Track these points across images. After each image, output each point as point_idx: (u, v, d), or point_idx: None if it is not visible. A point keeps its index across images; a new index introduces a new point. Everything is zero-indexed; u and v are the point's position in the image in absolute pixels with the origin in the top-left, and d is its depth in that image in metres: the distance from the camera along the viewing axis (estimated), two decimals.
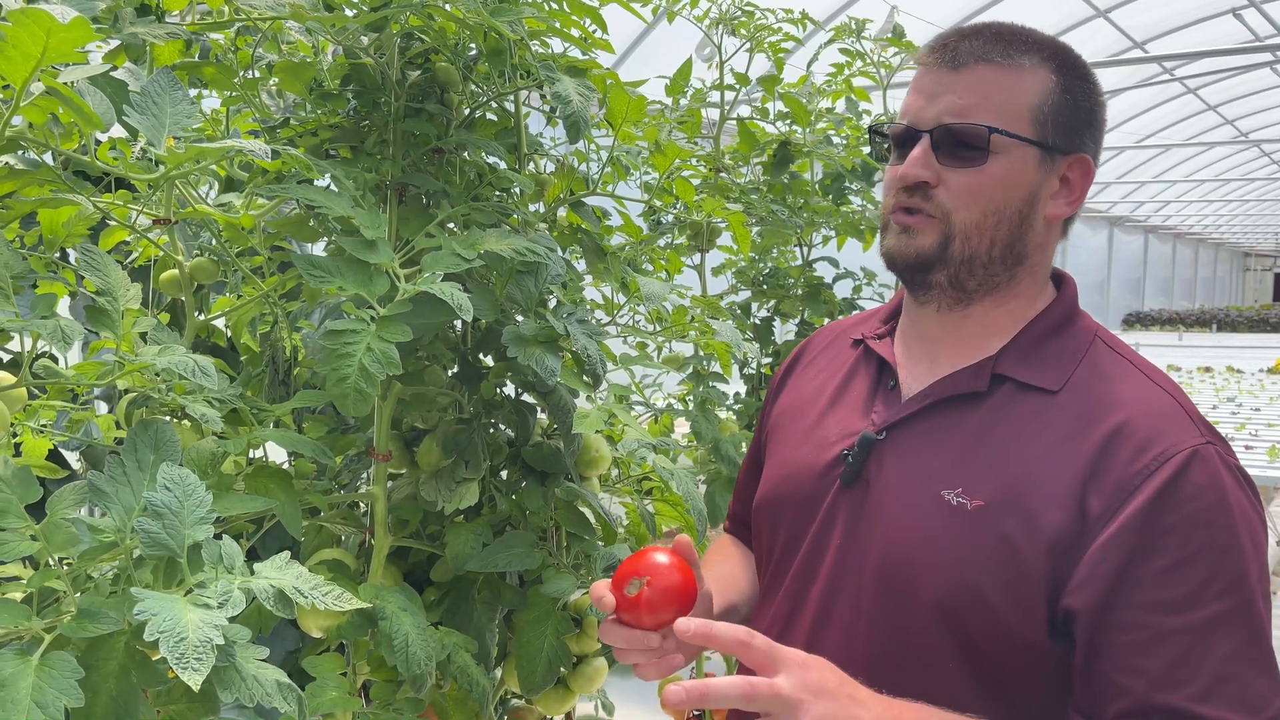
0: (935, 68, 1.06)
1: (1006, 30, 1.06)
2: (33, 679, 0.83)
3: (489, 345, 1.53)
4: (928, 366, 1.11)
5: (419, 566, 1.55)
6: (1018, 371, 1.05)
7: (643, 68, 7.15)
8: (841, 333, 1.27)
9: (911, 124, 1.06)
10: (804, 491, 1.14)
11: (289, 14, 1.19)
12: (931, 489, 1.02)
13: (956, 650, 0.99)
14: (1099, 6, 9.75)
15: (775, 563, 1.18)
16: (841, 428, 1.14)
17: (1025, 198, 1.04)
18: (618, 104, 1.51)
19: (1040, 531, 0.96)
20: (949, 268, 1.05)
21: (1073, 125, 1.05)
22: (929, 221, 1.05)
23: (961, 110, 1.02)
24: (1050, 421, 1.01)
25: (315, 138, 1.45)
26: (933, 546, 1.00)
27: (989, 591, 0.96)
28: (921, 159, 1.04)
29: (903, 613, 1.02)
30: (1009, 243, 1.05)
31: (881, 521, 1.05)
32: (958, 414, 1.06)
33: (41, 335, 0.88)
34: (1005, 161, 1.02)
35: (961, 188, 1.03)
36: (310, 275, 1.15)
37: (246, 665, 0.90)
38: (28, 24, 0.75)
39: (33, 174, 1.16)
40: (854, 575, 1.06)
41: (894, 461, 1.07)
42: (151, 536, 0.87)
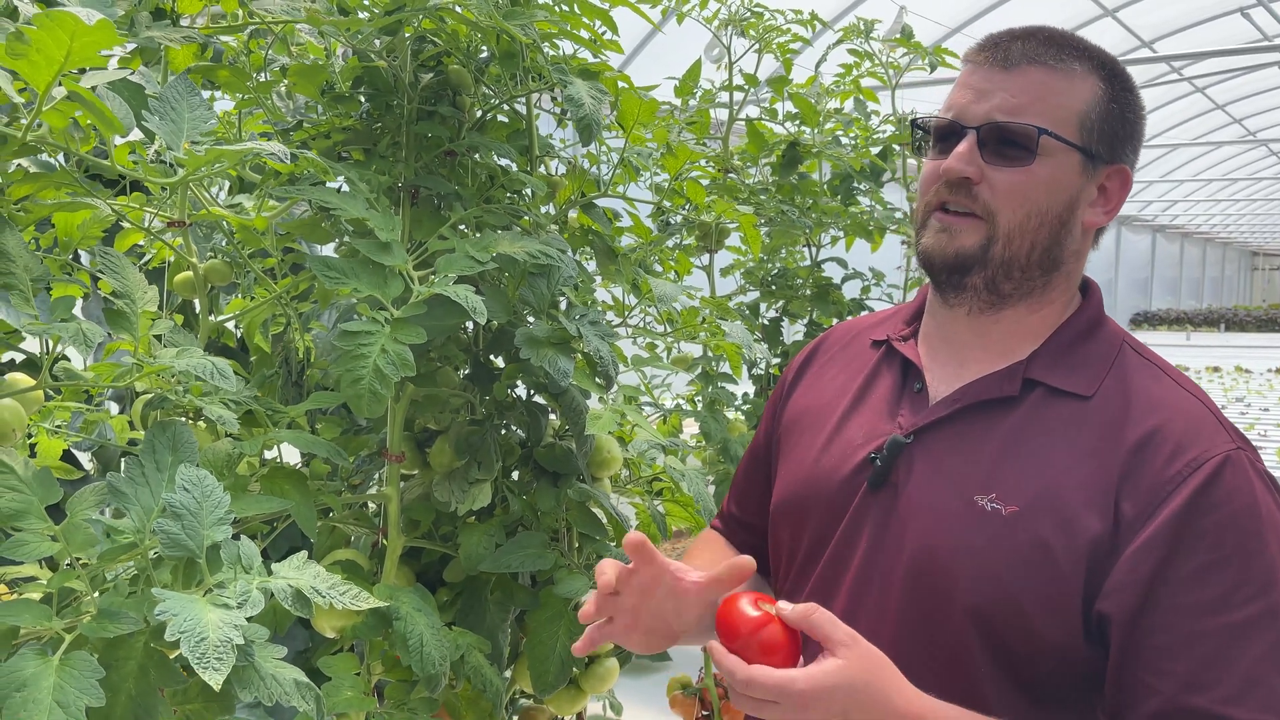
0: (985, 66, 1.05)
1: (1058, 35, 1.06)
2: (54, 678, 0.84)
3: (501, 347, 1.54)
4: (955, 370, 1.10)
5: (431, 567, 1.55)
6: (1049, 377, 1.04)
7: (652, 66, 7.15)
8: (860, 333, 1.26)
9: (957, 119, 1.05)
10: (828, 494, 1.12)
11: (304, 18, 1.20)
12: (964, 494, 1.02)
13: (989, 654, 0.99)
14: (1107, 6, 9.73)
15: (798, 566, 1.17)
16: (866, 430, 1.13)
17: (1066, 202, 1.04)
18: (629, 107, 1.51)
19: (1076, 537, 0.96)
20: (987, 270, 1.04)
21: (1117, 135, 1.05)
22: (971, 221, 1.04)
23: (1012, 109, 1.02)
24: (1083, 428, 1.00)
25: (328, 140, 1.46)
26: (967, 552, 0.99)
27: (1024, 597, 0.96)
28: (967, 155, 1.03)
29: (935, 617, 1.01)
30: (1048, 247, 1.04)
31: (913, 526, 1.04)
32: (988, 419, 1.05)
33: (63, 338, 0.88)
34: (1051, 164, 1.02)
35: (1006, 187, 1.02)
36: (325, 277, 1.16)
37: (265, 664, 0.90)
38: (52, 27, 0.76)
39: (49, 177, 1.17)
40: (883, 579, 1.06)
41: (924, 466, 1.06)
42: (171, 537, 0.88)
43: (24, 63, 0.80)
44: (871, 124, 2.68)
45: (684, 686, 2.51)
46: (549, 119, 1.71)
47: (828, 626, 0.89)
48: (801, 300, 2.68)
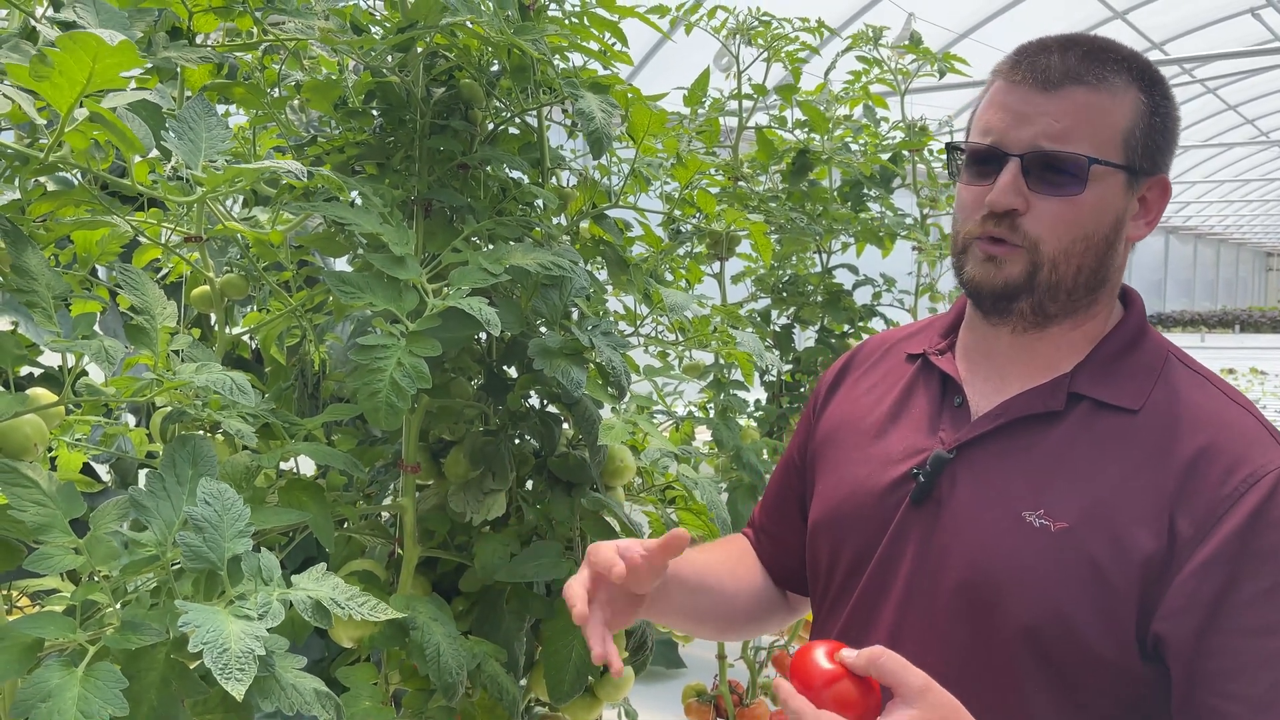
0: (1023, 86, 1.01)
1: (1096, 46, 1.02)
2: (78, 689, 0.86)
3: (514, 357, 1.55)
4: (996, 384, 1.09)
5: (447, 577, 1.56)
6: (1095, 390, 1.03)
7: (661, 75, 7.17)
8: (894, 345, 1.24)
9: (998, 145, 1.02)
10: (869, 510, 1.11)
11: (319, 36, 1.21)
12: (1011, 510, 1.00)
13: (1040, 673, 0.97)
14: (1117, 8, 9.71)
15: (838, 583, 1.15)
16: (906, 445, 1.11)
17: (1113, 223, 1.02)
18: (640, 119, 1.52)
19: (1129, 554, 0.94)
20: (1034, 295, 1.02)
21: (1158, 146, 1.02)
22: (1015, 251, 1.02)
23: (1058, 135, 0.99)
24: (1132, 442, 0.99)
25: (342, 155, 1.48)
26: (1018, 569, 0.98)
27: (1077, 615, 0.95)
28: (1012, 185, 1.00)
29: (984, 635, 1.00)
30: (1095, 268, 1.03)
31: (959, 542, 1.02)
32: (1033, 433, 1.03)
33: (86, 354, 0.90)
34: (1098, 189, 1.00)
35: (1053, 216, 1.00)
36: (340, 291, 1.18)
37: (286, 675, 0.92)
38: (75, 49, 0.77)
39: (69, 195, 1.19)
40: (929, 596, 1.04)
41: (968, 481, 1.04)
42: (193, 550, 0.89)
43: (47, 85, 0.82)
44: (881, 130, 2.69)
45: (699, 694, 2.52)
46: (560, 131, 1.72)
47: (899, 672, 0.87)
48: (813, 307, 2.69)
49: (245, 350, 2.24)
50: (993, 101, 1.03)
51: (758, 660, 2.60)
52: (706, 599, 1.23)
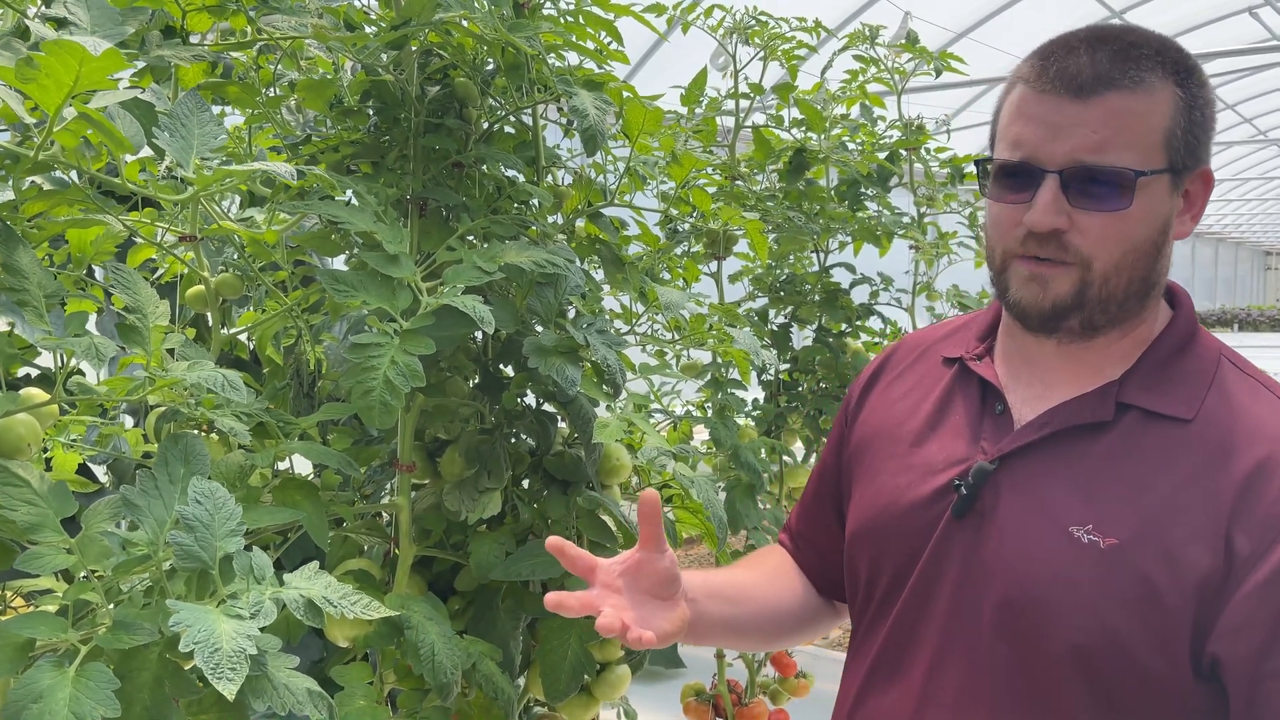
0: (1054, 94, 0.95)
1: (1123, 41, 0.96)
2: (70, 690, 0.85)
3: (509, 356, 1.55)
4: (1039, 391, 1.05)
5: (443, 576, 1.56)
6: (1145, 399, 0.99)
7: (658, 74, 7.17)
8: (929, 347, 1.20)
9: (1031, 160, 0.96)
10: (908, 522, 1.07)
11: (312, 34, 1.21)
12: (1058, 525, 0.97)
13: (1089, 694, 0.94)
14: (1114, 7, 9.71)
15: (879, 597, 1.12)
16: (946, 455, 1.07)
17: (1161, 228, 0.97)
18: (634, 116, 1.52)
19: (1183, 572, 0.91)
20: (1084, 311, 0.98)
21: (1198, 140, 0.97)
22: (1062, 269, 0.97)
23: (1098, 147, 0.93)
24: (1185, 453, 0.95)
25: (337, 154, 1.48)
26: (1066, 587, 0.95)
27: (1128, 635, 0.92)
28: (1053, 204, 0.94)
29: (1031, 655, 0.97)
30: (1145, 277, 0.98)
31: (1005, 558, 0.99)
32: (1080, 444, 0.99)
33: (76, 353, 0.90)
34: (1144, 198, 0.95)
35: (1101, 231, 0.95)
36: (334, 290, 1.17)
37: (278, 674, 0.91)
38: (61, 54, 0.77)
39: (62, 194, 1.18)
40: (973, 614, 1.01)
41: (1012, 494, 1.01)
42: (185, 549, 0.89)
43: (34, 86, 0.82)
44: (878, 129, 2.69)
45: (698, 693, 2.52)
46: (555, 129, 1.72)
47: None
48: (810, 306, 2.69)
49: (243, 350, 2.24)
50: (1021, 112, 0.97)
51: (756, 660, 2.60)
52: (748, 611, 1.21)
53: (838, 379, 2.60)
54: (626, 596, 1.03)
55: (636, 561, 1.03)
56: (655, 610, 1.05)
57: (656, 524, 1.01)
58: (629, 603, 1.03)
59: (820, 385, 2.64)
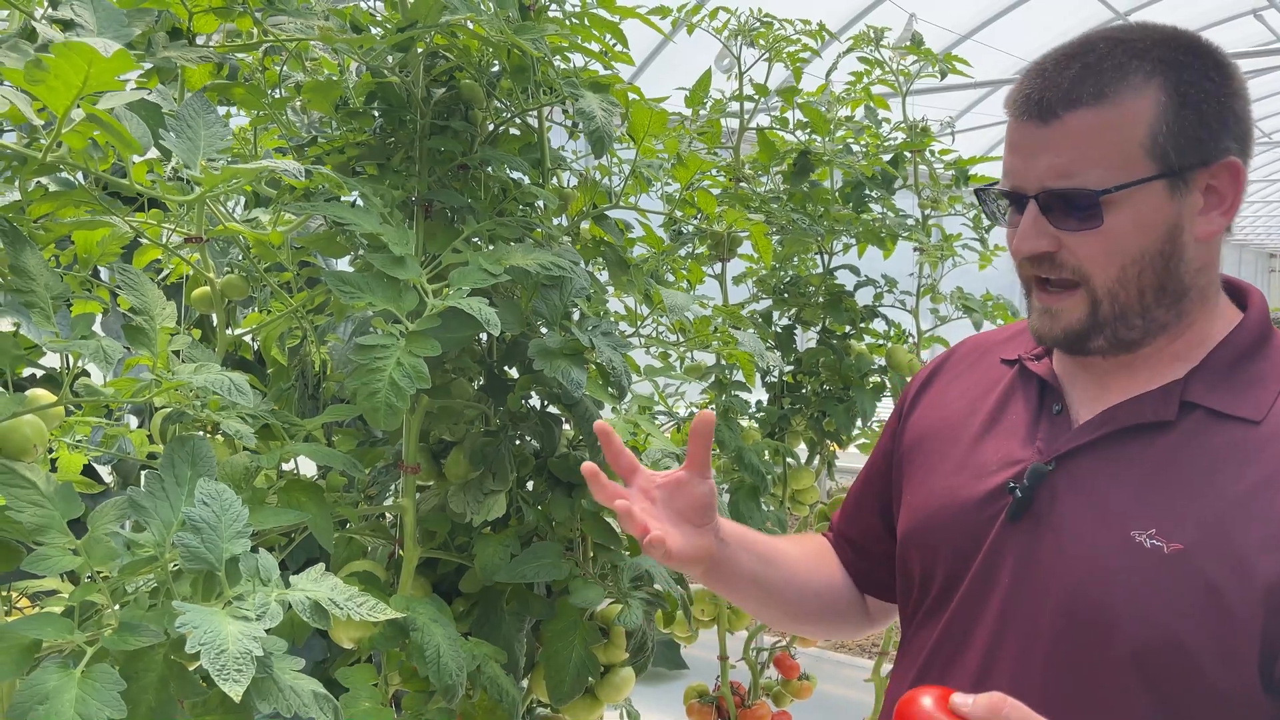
0: (1025, 121, 0.95)
1: (1097, 52, 0.94)
2: (76, 691, 0.85)
3: (514, 358, 1.55)
4: (1097, 391, 1.02)
5: (447, 577, 1.56)
6: (1211, 399, 0.95)
7: (663, 76, 7.17)
8: (989, 349, 1.18)
9: (1016, 187, 0.97)
10: (962, 525, 1.05)
11: (319, 36, 1.21)
12: (1119, 528, 0.94)
13: (1153, 704, 0.91)
14: (1118, 9, 9.70)
15: (932, 598, 1.10)
16: (1002, 455, 1.05)
17: (1163, 235, 0.94)
18: (640, 118, 1.52)
19: (1253, 581, 0.87)
20: (1104, 330, 0.97)
21: (1201, 136, 0.94)
22: (1069, 294, 0.97)
23: (1062, 171, 0.93)
24: (1254, 456, 0.91)
25: (342, 155, 1.48)
26: (1128, 593, 0.92)
27: (1193, 645, 0.89)
28: (1034, 229, 0.95)
29: (1091, 662, 0.94)
30: (1160, 285, 0.95)
31: (1063, 563, 0.96)
32: (1140, 444, 0.96)
33: (84, 355, 0.90)
34: (1128, 209, 0.93)
35: (1090, 249, 0.94)
36: (340, 291, 1.17)
37: (284, 676, 0.91)
38: (70, 55, 0.77)
39: (69, 195, 1.18)
40: (1029, 619, 0.99)
41: (1070, 496, 0.98)
42: (191, 551, 0.89)
43: (42, 88, 0.82)
44: (882, 131, 2.69)
45: (701, 695, 2.52)
46: (560, 131, 1.72)
47: None
48: (814, 308, 2.68)
49: (248, 351, 2.24)
50: (1007, 141, 0.99)
51: (760, 661, 2.59)
52: (778, 576, 1.19)
53: (841, 381, 2.60)
54: (659, 509, 1.04)
55: (677, 479, 1.05)
56: (683, 531, 1.05)
57: (707, 445, 1.02)
58: (659, 515, 1.04)
59: (824, 387, 2.64)
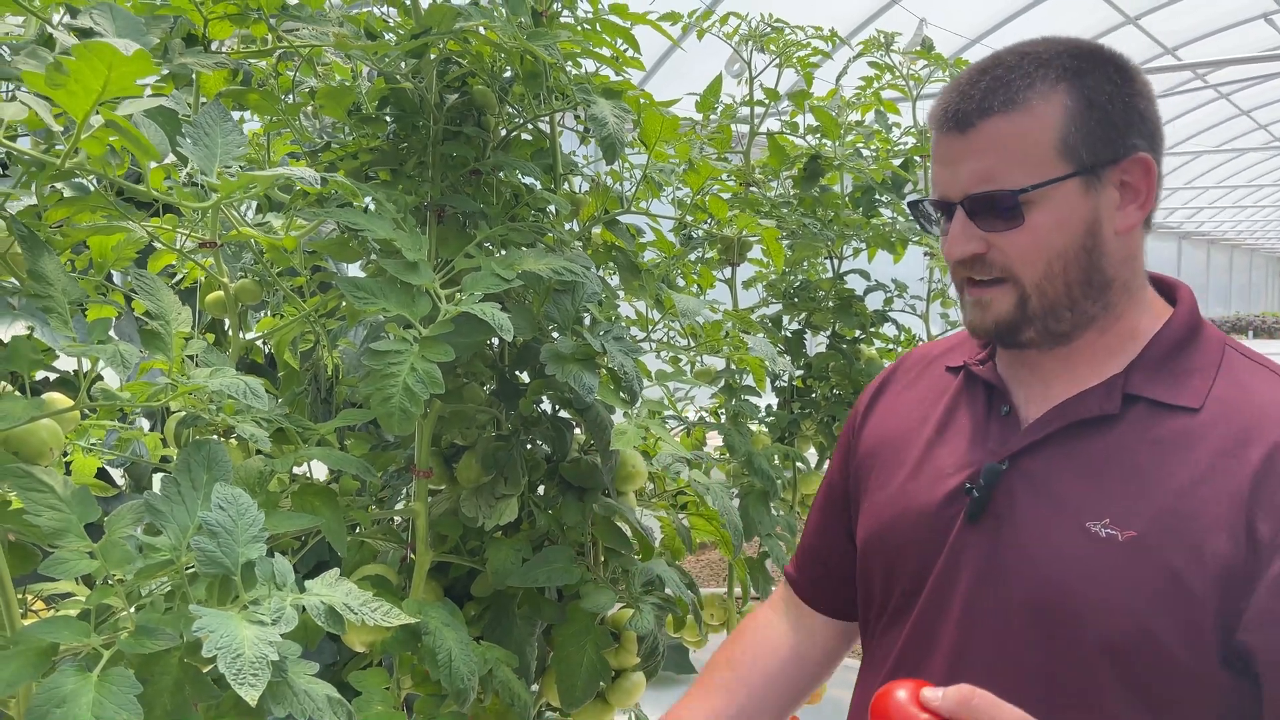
0: (946, 133, 1.02)
1: (1007, 66, 1.01)
2: (93, 694, 0.86)
3: (526, 363, 1.55)
4: (1042, 390, 1.06)
5: (459, 581, 1.57)
6: (1151, 390, 0.99)
7: (673, 80, 7.18)
8: (934, 359, 1.22)
9: (943, 196, 1.03)
10: (922, 528, 1.08)
11: (333, 43, 1.22)
12: (1074, 521, 0.97)
13: (1121, 690, 0.94)
14: (1129, 13, 9.68)
15: (894, 605, 1.12)
16: (956, 459, 1.08)
17: (1083, 230, 0.99)
18: (651, 124, 1.52)
19: (1207, 562, 0.91)
20: (1034, 323, 1.02)
21: (1109, 135, 0.98)
22: (999, 287, 1.01)
23: (984, 175, 0.99)
24: (1197, 442, 0.95)
25: (355, 161, 1.48)
26: (1091, 584, 0.95)
27: (1159, 629, 0.92)
28: (962, 233, 1.01)
29: (1060, 654, 0.96)
30: (1085, 279, 1.00)
31: (1024, 559, 0.99)
32: (1088, 439, 1.00)
33: (101, 359, 0.90)
34: (1048, 208, 0.98)
35: (1016, 249, 0.99)
36: (354, 297, 1.18)
37: (298, 680, 0.92)
38: (90, 58, 0.78)
39: (85, 201, 1.19)
40: (996, 616, 1.01)
41: (1026, 493, 1.01)
42: (207, 555, 0.89)
43: (62, 93, 0.82)
44: (893, 136, 2.69)
45: None
46: (571, 136, 1.73)
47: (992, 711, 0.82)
48: (824, 312, 2.68)
49: (259, 355, 2.25)
50: (933, 154, 1.05)
51: None
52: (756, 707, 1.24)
53: (851, 385, 2.60)
54: None
55: None
56: None
57: None
58: None
59: (834, 391, 2.64)
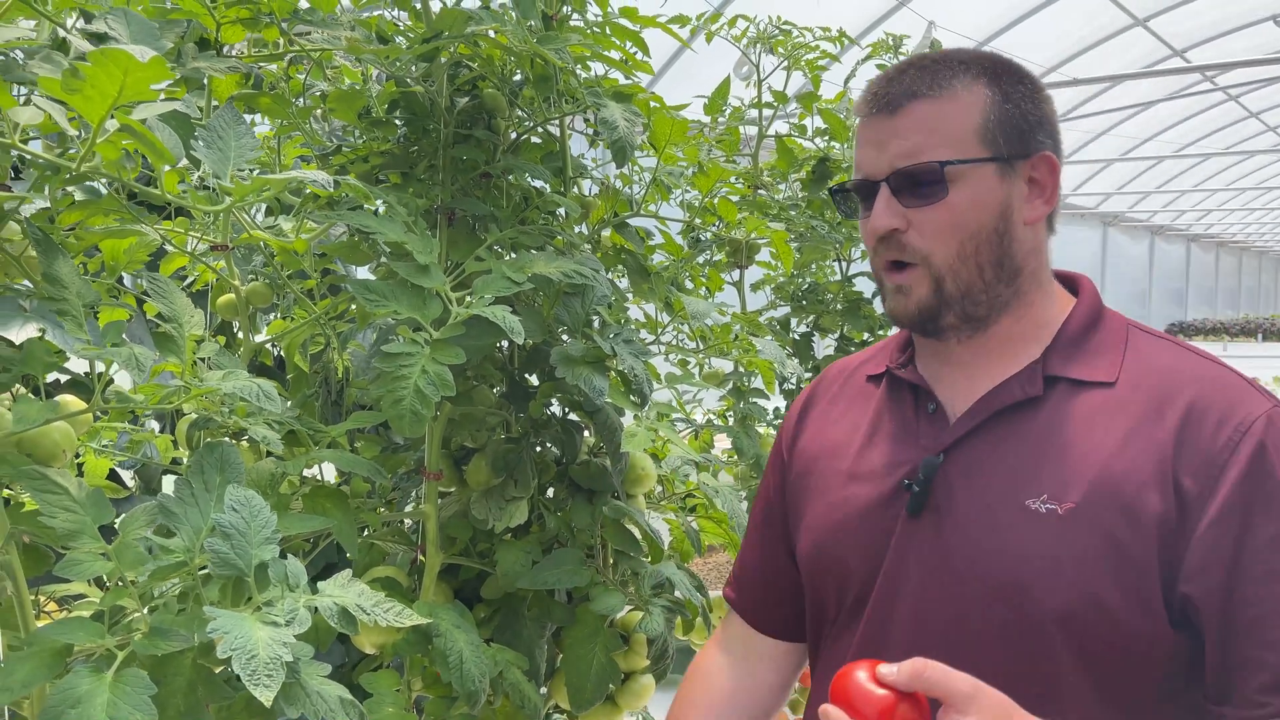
0: (874, 116, 1.07)
1: (930, 61, 1.08)
2: (107, 695, 0.86)
3: (536, 365, 1.56)
4: (965, 385, 1.10)
5: (468, 584, 1.57)
6: (1069, 370, 1.05)
7: (680, 83, 7.18)
8: (854, 371, 1.25)
9: (868, 176, 1.07)
10: (865, 530, 1.10)
11: (345, 46, 1.22)
12: (1014, 501, 1.01)
13: (1075, 659, 0.98)
14: (1137, 15, 9.67)
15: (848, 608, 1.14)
16: (889, 459, 1.11)
17: (997, 213, 1.05)
18: (661, 127, 1.53)
19: (1143, 521, 0.96)
20: (952, 308, 1.06)
21: (1023, 129, 1.05)
22: (915, 272, 1.06)
23: (909, 151, 1.04)
24: (1118, 412, 1.01)
25: (366, 164, 1.49)
26: (1038, 559, 0.98)
27: (1106, 594, 0.96)
28: (886, 208, 1.05)
29: (1015, 631, 0.99)
30: (997, 260, 1.05)
31: (970, 546, 1.02)
32: (1016, 422, 1.05)
33: (116, 362, 0.91)
34: (966, 187, 1.03)
35: (931, 225, 1.04)
36: (366, 299, 1.18)
37: (311, 682, 0.92)
38: (106, 64, 0.78)
39: (98, 204, 1.20)
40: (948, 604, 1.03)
41: (963, 482, 1.05)
42: (221, 557, 0.90)
43: (78, 98, 0.83)
44: None
45: None
46: (580, 139, 1.73)
47: (945, 681, 0.86)
48: (832, 315, 2.68)
49: (267, 357, 2.26)
50: (859, 139, 1.09)
51: None
52: None
53: None
54: None
55: None
56: None
57: None
58: None
59: None
